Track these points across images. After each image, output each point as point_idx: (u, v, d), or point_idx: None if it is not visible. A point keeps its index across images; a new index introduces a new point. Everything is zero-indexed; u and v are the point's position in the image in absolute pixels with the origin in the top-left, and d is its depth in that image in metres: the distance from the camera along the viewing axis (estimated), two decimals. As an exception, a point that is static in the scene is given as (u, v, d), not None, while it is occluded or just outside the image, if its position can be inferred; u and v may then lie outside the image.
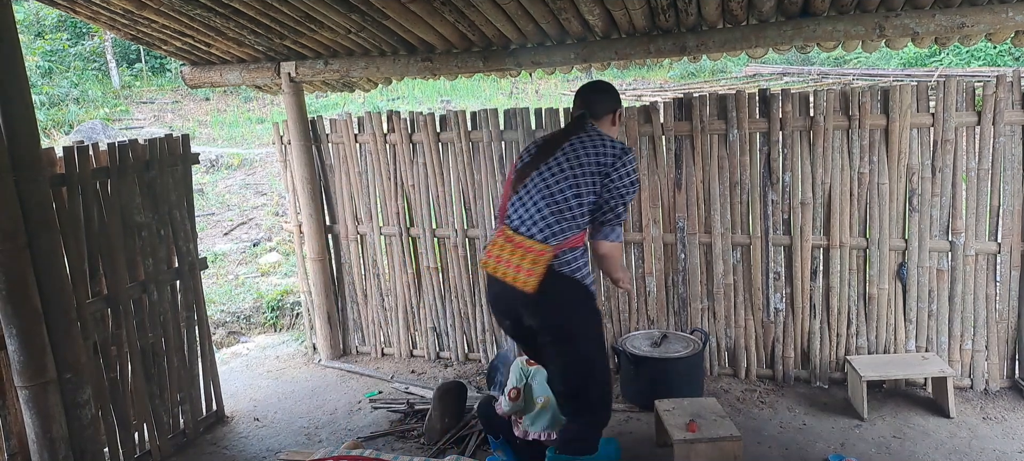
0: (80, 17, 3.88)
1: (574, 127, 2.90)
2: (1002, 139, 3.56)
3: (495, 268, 2.75)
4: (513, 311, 2.82)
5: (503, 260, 2.73)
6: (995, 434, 3.44)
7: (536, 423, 3.21)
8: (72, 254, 3.16)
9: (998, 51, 14.14)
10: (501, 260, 2.73)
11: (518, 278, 2.68)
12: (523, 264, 2.68)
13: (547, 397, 3.18)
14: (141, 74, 17.48)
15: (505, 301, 2.81)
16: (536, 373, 3.25)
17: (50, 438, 2.87)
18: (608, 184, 2.78)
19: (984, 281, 3.74)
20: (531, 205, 2.77)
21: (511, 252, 2.71)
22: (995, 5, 3.25)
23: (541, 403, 3.20)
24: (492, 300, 2.92)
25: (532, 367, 3.28)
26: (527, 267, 2.67)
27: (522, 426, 3.23)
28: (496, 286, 2.80)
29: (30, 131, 2.79)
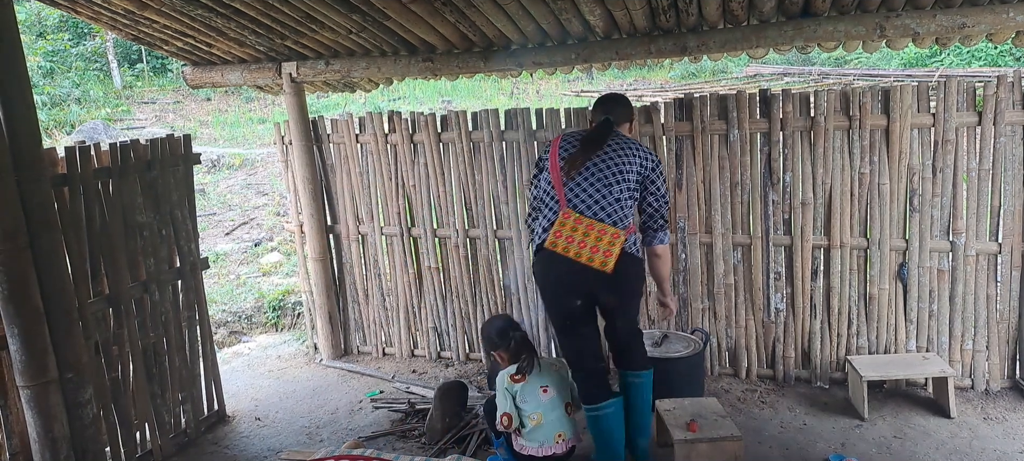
0: (82, 17, 3.89)
1: (607, 129, 3.10)
2: (1003, 139, 3.56)
3: (567, 248, 2.87)
4: (585, 289, 2.96)
5: (576, 240, 2.87)
6: (996, 434, 3.44)
7: (532, 439, 3.18)
8: (74, 254, 3.16)
9: (999, 51, 14.14)
10: (573, 240, 2.87)
11: (595, 258, 2.84)
12: (600, 245, 2.85)
13: (540, 414, 3.16)
14: (143, 74, 17.50)
15: (577, 280, 2.93)
16: (523, 390, 3.18)
17: (52, 437, 2.88)
18: (651, 187, 3.10)
19: (985, 281, 3.74)
20: (592, 191, 2.97)
21: (584, 233, 2.87)
22: (996, 5, 3.25)
23: (535, 421, 3.16)
24: (556, 280, 2.99)
25: (517, 384, 3.19)
26: (604, 248, 2.84)
27: (519, 442, 3.23)
28: (564, 265, 2.90)
29: (32, 131, 2.80)
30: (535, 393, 3.18)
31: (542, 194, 3.13)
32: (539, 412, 3.16)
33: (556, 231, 2.90)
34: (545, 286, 3.06)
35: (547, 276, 3.03)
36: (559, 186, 3.01)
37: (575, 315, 3.02)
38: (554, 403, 3.19)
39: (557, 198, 3.01)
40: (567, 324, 3.07)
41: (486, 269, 4.56)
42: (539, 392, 3.18)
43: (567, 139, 3.13)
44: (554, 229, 2.91)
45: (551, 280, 3.02)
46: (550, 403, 3.18)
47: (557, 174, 3.04)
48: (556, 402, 3.20)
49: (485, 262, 4.55)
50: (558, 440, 3.18)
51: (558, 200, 3.00)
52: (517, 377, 3.19)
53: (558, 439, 3.18)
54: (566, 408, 3.23)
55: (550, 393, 3.20)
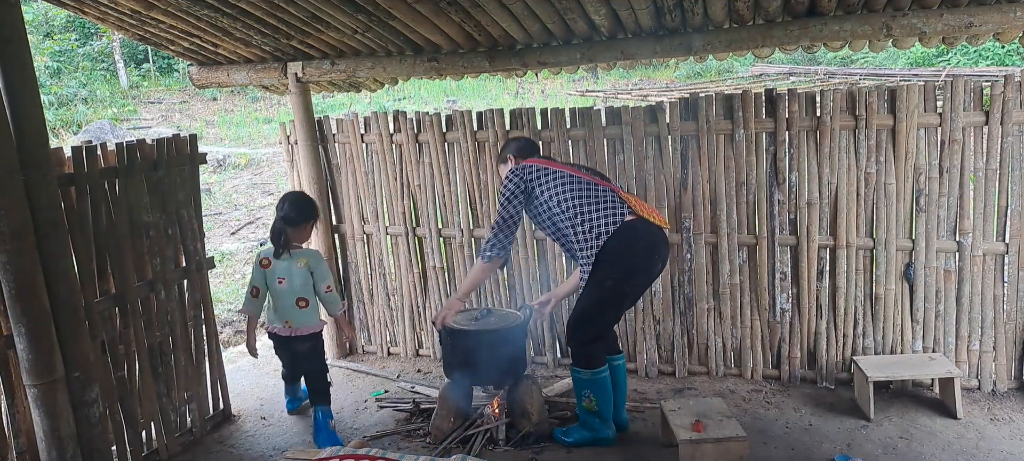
0: (88, 18, 3.91)
1: None
2: (1010, 139, 3.55)
3: (652, 217, 3.29)
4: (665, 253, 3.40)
5: (649, 211, 3.31)
6: (1002, 435, 3.42)
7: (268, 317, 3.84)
8: (80, 253, 3.17)
9: (1006, 50, 14.07)
10: (648, 211, 3.31)
11: (664, 221, 3.36)
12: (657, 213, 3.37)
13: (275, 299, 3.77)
14: (149, 74, 17.56)
15: (663, 244, 3.36)
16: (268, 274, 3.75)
17: (58, 436, 2.89)
18: None
19: (991, 282, 3.73)
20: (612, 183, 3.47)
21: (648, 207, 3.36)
22: (1003, 4, 3.23)
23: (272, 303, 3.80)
24: (655, 246, 3.31)
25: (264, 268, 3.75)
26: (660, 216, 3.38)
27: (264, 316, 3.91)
28: (657, 232, 3.31)
29: (39, 131, 2.81)
30: (274, 280, 3.72)
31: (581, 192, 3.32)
32: (275, 297, 3.76)
33: (638, 208, 3.27)
34: (640, 253, 3.27)
35: (643, 242, 3.27)
36: (597, 179, 3.40)
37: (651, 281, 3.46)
38: (285, 293, 3.71)
39: (604, 187, 3.34)
40: (638, 292, 3.45)
41: (491, 269, 4.55)
42: (276, 281, 3.71)
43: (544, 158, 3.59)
44: (634, 210, 3.26)
45: (650, 248, 3.29)
46: (282, 293, 3.72)
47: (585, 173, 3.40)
48: (287, 293, 3.71)
49: (490, 262, 4.54)
50: (285, 325, 3.75)
51: (607, 188, 3.34)
52: (265, 262, 3.76)
53: (285, 324, 3.75)
54: (298, 302, 3.72)
55: (285, 284, 3.70)
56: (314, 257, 3.80)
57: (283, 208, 3.70)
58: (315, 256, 3.82)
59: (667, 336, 4.30)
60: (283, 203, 3.73)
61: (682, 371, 4.30)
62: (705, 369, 4.29)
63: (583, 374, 3.38)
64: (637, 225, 3.26)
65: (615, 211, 3.26)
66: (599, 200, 3.30)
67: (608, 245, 3.22)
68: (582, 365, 3.38)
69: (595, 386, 3.39)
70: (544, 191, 3.37)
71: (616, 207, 3.28)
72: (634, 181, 4.15)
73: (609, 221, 3.24)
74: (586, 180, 3.35)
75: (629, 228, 3.24)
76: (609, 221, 3.24)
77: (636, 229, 3.25)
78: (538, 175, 3.39)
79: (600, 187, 3.34)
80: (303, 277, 3.72)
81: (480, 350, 3.59)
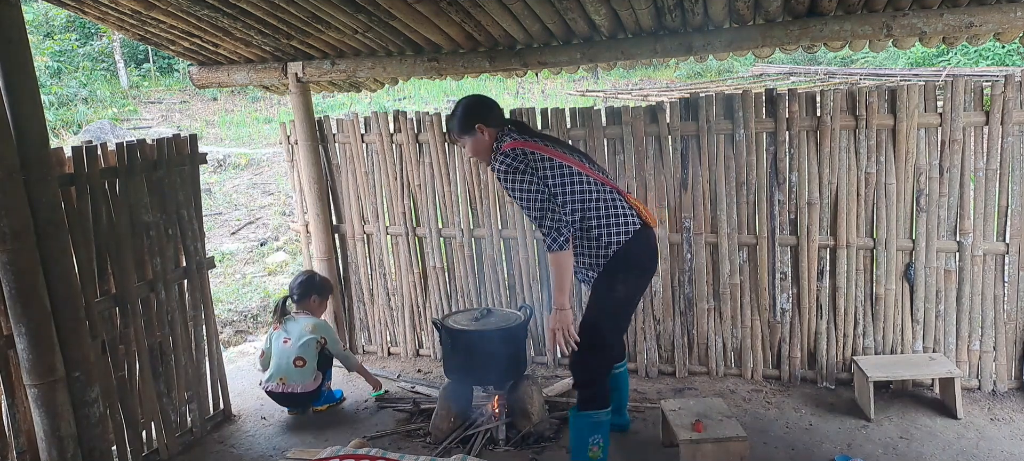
0: (89, 18, 3.91)
1: None
2: (1010, 139, 3.55)
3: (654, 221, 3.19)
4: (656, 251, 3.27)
5: (645, 212, 3.14)
6: (1003, 435, 3.42)
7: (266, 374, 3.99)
8: (81, 253, 3.17)
9: (1006, 50, 14.07)
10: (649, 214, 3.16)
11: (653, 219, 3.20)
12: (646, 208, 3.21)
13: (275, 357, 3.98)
14: (149, 74, 17.56)
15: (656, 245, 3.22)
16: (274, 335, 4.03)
17: (58, 436, 2.89)
18: None
19: (992, 282, 3.73)
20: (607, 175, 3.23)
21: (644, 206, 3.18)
22: (1003, 4, 3.23)
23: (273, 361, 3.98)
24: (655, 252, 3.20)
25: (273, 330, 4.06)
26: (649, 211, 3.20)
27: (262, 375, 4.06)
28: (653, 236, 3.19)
29: (39, 131, 2.81)
30: (279, 339, 3.99)
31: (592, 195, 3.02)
32: (275, 355, 3.97)
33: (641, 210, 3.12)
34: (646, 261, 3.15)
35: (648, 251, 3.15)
36: (601, 177, 3.14)
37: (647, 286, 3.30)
38: (287, 352, 3.92)
39: (612, 191, 3.11)
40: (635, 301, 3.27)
41: (491, 268, 4.56)
42: (280, 340, 3.98)
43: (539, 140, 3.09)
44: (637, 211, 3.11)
45: (650, 255, 3.17)
46: (283, 351, 3.94)
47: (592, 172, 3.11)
48: (289, 352, 3.92)
49: (490, 262, 4.55)
50: (279, 382, 3.92)
51: (614, 191, 3.12)
52: (274, 325, 4.08)
53: (280, 381, 3.92)
54: (295, 361, 3.91)
55: (288, 344, 3.95)
56: (323, 325, 4.10)
57: (290, 287, 4.22)
58: (324, 325, 4.12)
59: (667, 336, 4.30)
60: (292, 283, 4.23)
61: (682, 371, 4.30)
62: (705, 369, 4.29)
63: (596, 416, 3.07)
64: (644, 233, 3.10)
65: (627, 219, 3.05)
66: (610, 206, 3.04)
67: (619, 254, 3.02)
68: (592, 405, 3.08)
69: (603, 429, 3.12)
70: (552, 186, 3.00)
71: (627, 215, 3.06)
72: (634, 181, 4.15)
73: (620, 230, 3.02)
74: (596, 181, 3.06)
75: (638, 237, 3.06)
76: (620, 230, 3.02)
77: (643, 238, 3.09)
78: (546, 167, 2.98)
79: (608, 190, 3.08)
80: (306, 339, 3.97)
81: (480, 350, 3.60)
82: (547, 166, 2.97)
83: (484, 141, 3.09)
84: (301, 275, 4.28)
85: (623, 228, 3.02)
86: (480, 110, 3.11)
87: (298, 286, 4.17)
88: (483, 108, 3.13)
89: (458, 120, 3.12)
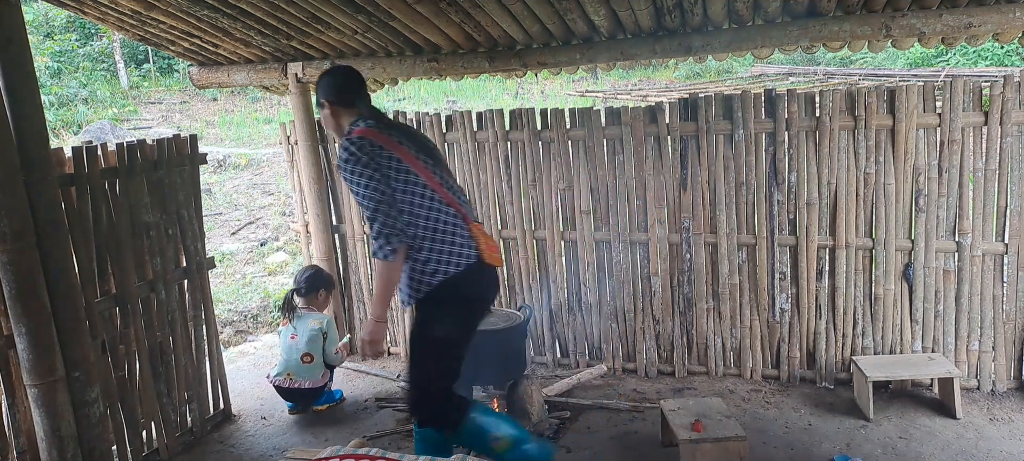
0: (89, 18, 3.91)
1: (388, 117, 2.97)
2: (1009, 139, 3.55)
3: (496, 260, 2.82)
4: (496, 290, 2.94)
5: (493, 248, 2.81)
6: (1002, 435, 3.43)
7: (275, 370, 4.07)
8: (81, 253, 3.18)
9: (1005, 51, 14.07)
10: (493, 249, 2.81)
11: (500, 259, 2.90)
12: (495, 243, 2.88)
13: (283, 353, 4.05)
14: (149, 74, 17.56)
15: (494, 288, 2.91)
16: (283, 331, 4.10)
17: (59, 436, 2.89)
18: None
19: (991, 282, 3.73)
20: (461, 195, 2.88)
21: (491, 241, 2.82)
22: (1002, 5, 3.24)
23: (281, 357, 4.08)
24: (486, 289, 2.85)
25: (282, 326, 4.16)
26: (496, 245, 2.90)
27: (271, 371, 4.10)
28: (490, 273, 2.83)
29: (39, 131, 2.82)
30: (286, 336, 4.05)
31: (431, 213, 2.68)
32: (283, 351, 4.04)
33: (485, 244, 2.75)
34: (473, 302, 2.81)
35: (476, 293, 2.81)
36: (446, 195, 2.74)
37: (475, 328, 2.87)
38: (295, 348, 3.99)
39: (454, 211, 2.73)
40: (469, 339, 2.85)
41: (491, 269, 4.56)
42: (288, 337, 4.04)
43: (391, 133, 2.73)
44: (480, 244, 2.73)
45: (480, 298, 2.83)
46: (291, 347, 4.00)
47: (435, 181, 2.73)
48: (297, 348, 3.98)
49: (490, 262, 4.55)
50: (286, 377, 3.98)
51: (457, 214, 2.74)
52: (283, 321, 4.16)
53: (287, 376, 3.98)
54: (302, 358, 3.97)
55: (296, 340, 4.00)
56: (329, 322, 4.15)
57: (297, 280, 4.27)
58: (330, 321, 4.17)
59: (666, 336, 4.31)
60: (297, 277, 4.29)
61: (682, 371, 4.31)
62: (705, 369, 4.29)
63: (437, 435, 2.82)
64: (477, 270, 2.72)
65: (462, 250, 2.69)
66: (446, 230, 2.69)
67: (443, 285, 2.66)
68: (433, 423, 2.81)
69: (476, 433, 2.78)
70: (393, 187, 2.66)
71: (464, 245, 2.70)
72: (634, 181, 4.15)
73: (451, 261, 2.67)
74: (441, 199, 2.71)
75: (469, 273, 2.70)
76: (451, 261, 2.67)
77: (475, 274, 2.72)
78: (392, 166, 2.65)
79: (451, 213, 2.72)
80: (313, 336, 4.01)
81: (480, 350, 3.60)
82: (393, 165, 2.65)
83: (329, 118, 2.85)
84: (308, 269, 4.31)
85: (454, 258, 2.68)
86: (330, 85, 2.83)
87: (306, 280, 4.21)
88: (334, 84, 2.83)
89: (317, 87, 2.90)
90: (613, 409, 3.92)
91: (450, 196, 2.75)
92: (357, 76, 2.88)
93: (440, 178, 2.77)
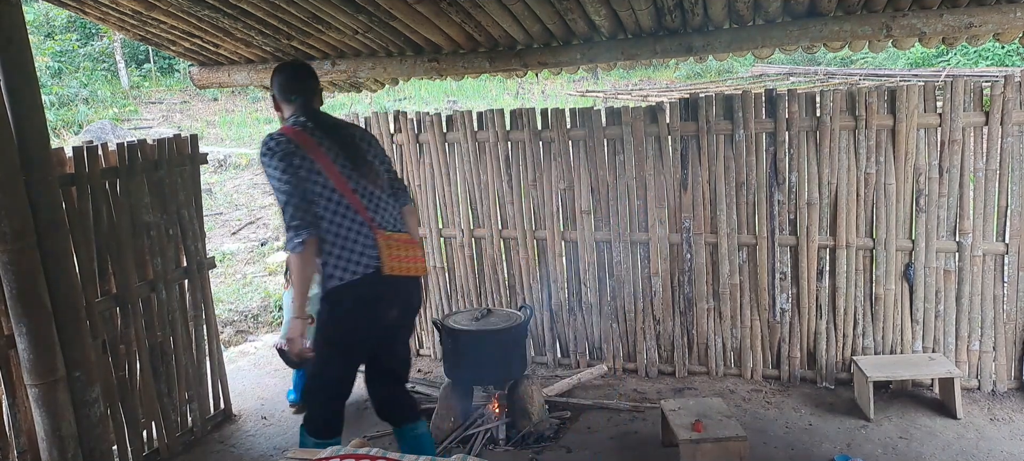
0: (90, 18, 3.91)
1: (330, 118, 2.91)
2: (1010, 139, 3.55)
3: (404, 269, 2.76)
4: (407, 299, 2.87)
5: (403, 259, 2.77)
6: (1002, 435, 3.43)
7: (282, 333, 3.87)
8: (81, 253, 3.18)
9: (1006, 51, 14.06)
10: (402, 259, 2.77)
11: (418, 268, 2.84)
12: (417, 254, 2.85)
13: None
14: (150, 74, 17.56)
15: (405, 294, 2.84)
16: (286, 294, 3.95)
17: (59, 436, 2.89)
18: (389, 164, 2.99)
19: (991, 282, 3.73)
20: (381, 201, 2.81)
21: (403, 250, 2.79)
22: (1003, 5, 3.23)
23: None
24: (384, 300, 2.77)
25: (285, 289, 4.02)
26: (420, 255, 2.87)
27: None
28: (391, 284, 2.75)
29: (40, 131, 2.81)
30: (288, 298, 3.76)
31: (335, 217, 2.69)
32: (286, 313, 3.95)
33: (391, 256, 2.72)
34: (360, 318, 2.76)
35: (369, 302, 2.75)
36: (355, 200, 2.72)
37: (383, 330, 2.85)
38: None
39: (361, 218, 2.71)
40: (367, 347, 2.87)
41: (491, 269, 4.56)
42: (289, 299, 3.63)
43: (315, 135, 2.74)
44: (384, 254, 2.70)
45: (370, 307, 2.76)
46: None
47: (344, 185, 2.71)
48: None
49: (490, 262, 4.55)
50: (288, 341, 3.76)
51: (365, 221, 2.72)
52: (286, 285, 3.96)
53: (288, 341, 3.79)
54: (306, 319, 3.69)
55: None
56: None
57: None
58: None
59: (667, 336, 4.31)
60: None
61: (682, 371, 4.31)
62: (705, 369, 4.29)
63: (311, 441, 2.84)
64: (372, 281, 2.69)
65: (359, 259, 2.68)
66: (347, 237, 2.68)
67: (335, 292, 2.69)
68: (310, 427, 2.86)
69: None
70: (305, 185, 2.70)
71: (364, 256, 2.68)
72: (634, 181, 4.15)
73: (347, 269, 2.67)
74: (351, 207, 2.70)
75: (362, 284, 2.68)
76: (347, 269, 2.67)
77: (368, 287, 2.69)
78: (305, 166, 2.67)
79: (359, 221, 2.71)
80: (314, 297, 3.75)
81: (481, 350, 3.60)
82: (305, 166, 2.67)
83: (274, 111, 2.94)
84: None
85: (351, 266, 2.67)
86: (275, 80, 2.90)
87: None
88: (279, 80, 2.89)
89: None
90: (613, 409, 3.92)
91: (360, 203, 2.73)
92: (302, 74, 2.92)
93: (355, 184, 2.74)
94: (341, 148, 2.78)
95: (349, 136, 2.86)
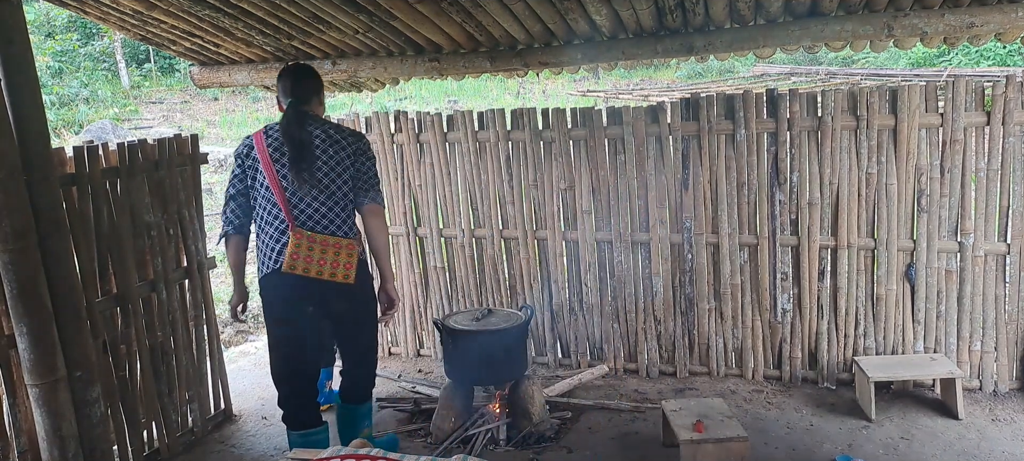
0: (90, 18, 3.91)
1: (302, 118, 2.99)
2: (1011, 139, 3.55)
3: (307, 269, 2.85)
4: (321, 299, 2.96)
5: (314, 260, 2.86)
6: (1004, 436, 3.42)
7: None
8: (82, 253, 3.18)
9: (1008, 51, 14.06)
10: (312, 260, 2.85)
11: (337, 273, 2.89)
12: (339, 259, 2.89)
13: None
14: (150, 74, 17.57)
15: (314, 294, 2.93)
16: None
17: (60, 436, 2.89)
18: (360, 166, 3.06)
19: (993, 282, 3.72)
20: (314, 203, 2.92)
21: (322, 251, 2.87)
22: (1005, 5, 3.23)
23: None
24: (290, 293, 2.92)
25: None
26: (344, 261, 2.90)
27: None
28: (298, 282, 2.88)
29: (41, 131, 2.81)
30: None
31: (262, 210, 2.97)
32: None
33: (292, 254, 2.83)
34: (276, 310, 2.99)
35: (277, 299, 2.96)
36: (281, 198, 2.90)
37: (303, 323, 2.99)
38: None
39: (283, 217, 2.90)
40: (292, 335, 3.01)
41: (491, 269, 4.56)
42: None
43: (271, 136, 2.99)
44: (290, 252, 2.83)
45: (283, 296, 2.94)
46: None
47: (276, 183, 2.91)
48: None
49: (491, 262, 4.55)
50: None
51: (285, 219, 2.90)
52: None
53: None
54: None
55: None
56: None
57: None
58: None
59: (668, 336, 4.30)
60: None
61: (683, 371, 4.30)
62: (706, 369, 4.29)
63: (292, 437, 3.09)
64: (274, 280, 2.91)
65: (269, 256, 2.92)
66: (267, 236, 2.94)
67: (260, 283, 3.01)
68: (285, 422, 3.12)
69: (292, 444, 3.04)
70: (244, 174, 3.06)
71: (272, 254, 2.91)
72: (635, 181, 4.15)
73: (266, 262, 2.94)
74: (279, 209, 2.91)
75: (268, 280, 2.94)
76: (266, 262, 2.94)
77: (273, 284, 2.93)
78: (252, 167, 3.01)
79: (281, 222, 2.91)
80: None
81: (481, 350, 3.60)
82: (251, 165, 3.01)
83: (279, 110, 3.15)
84: None
85: (266, 261, 2.94)
86: (277, 83, 3.16)
87: None
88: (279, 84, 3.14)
89: None
90: (614, 409, 3.91)
91: (285, 202, 2.89)
92: (298, 78, 3.09)
93: (287, 183, 2.91)
94: (291, 149, 2.91)
95: (307, 138, 2.94)
